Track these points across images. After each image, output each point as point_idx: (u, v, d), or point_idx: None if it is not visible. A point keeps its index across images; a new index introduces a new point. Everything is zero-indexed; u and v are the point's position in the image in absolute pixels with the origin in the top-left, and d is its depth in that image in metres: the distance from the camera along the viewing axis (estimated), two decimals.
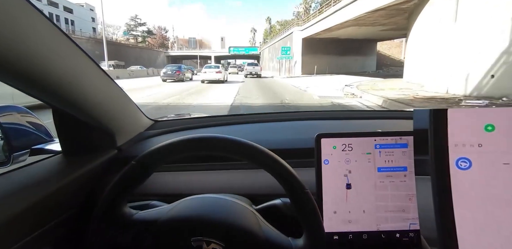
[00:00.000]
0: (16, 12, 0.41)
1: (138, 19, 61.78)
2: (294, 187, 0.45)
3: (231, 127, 0.95)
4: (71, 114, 0.63)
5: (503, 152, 0.43)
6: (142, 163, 0.46)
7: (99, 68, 0.64)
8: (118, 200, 0.47)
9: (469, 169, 0.44)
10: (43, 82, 0.51)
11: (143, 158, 0.46)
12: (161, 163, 0.47)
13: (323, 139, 0.54)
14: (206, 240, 0.45)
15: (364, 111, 1.50)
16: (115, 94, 0.73)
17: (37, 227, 0.54)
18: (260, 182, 0.69)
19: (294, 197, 0.45)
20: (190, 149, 0.46)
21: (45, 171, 0.63)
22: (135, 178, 0.47)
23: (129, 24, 61.02)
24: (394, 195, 0.53)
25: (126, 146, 0.79)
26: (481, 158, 0.44)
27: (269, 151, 0.46)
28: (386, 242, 0.53)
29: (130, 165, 0.46)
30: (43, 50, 0.48)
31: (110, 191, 0.46)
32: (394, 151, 0.53)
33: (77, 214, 0.65)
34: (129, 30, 60.48)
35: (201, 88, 13.69)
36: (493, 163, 0.43)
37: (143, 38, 61.42)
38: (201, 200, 0.54)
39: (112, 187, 0.46)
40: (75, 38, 0.64)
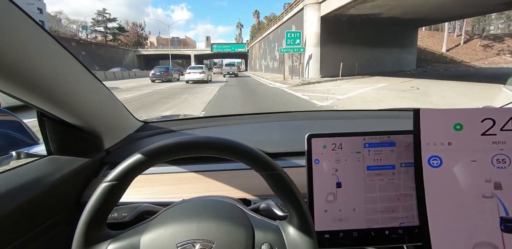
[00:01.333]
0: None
1: (107, 14, 55.99)
2: (266, 168, 0.46)
3: (221, 128, 0.96)
4: (57, 116, 0.62)
5: (471, 149, 0.46)
6: (115, 181, 0.44)
7: (86, 69, 0.63)
8: (96, 223, 0.44)
9: (440, 167, 0.47)
10: (27, 83, 0.50)
11: (115, 176, 0.44)
12: (137, 175, 0.45)
13: (313, 139, 0.55)
14: (192, 242, 0.44)
15: (354, 111, 1.55)
16: (103, 96, 0.72)
17: (24, 232, 0.53)
18: (251, 184, 0.70)
19: (270, 180, 0.46)
20: (160, 157, 0.45)
21: (29, 175, 0.60)
22: (110, 199, 0.44)
23: (96, 19, 55.37)
24: (383, 196, 0.55)
25: (114, 148, 0.78)
26: (451, 156, 0.46)
27: (234, 141, 0.46)
28: (376, 239, 0.55)
29: (102, 186, 0.44)
30: (27, 50, 0.46)
31: (86, 215, 0.43)
32: (382, 150, 0.55)
33: (65, 218, 0.63)
34: (94, 25, 54.64)
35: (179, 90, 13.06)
36: (462, 161, 0.46)
37: (113, 36, 56.19)
38: (181, 207, 0.52)
39: (87, 212, 0.43)
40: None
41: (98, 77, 0.68)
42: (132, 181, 0.45)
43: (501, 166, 0.45)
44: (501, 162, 0.45)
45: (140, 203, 0.62)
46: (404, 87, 11.57)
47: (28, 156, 0.67)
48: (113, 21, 57.17)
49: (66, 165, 0.66)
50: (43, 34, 0.50)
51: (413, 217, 0.56)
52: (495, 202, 0.45)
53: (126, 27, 62.14)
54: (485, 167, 0.46)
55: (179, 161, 0.68)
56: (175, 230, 0.45)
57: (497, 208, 0.45)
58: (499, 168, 0.45)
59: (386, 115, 1.09)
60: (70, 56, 0.58)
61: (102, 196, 0.44)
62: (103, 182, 0.44)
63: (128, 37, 61.96)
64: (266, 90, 12.44)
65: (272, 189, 0.47)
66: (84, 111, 0.65)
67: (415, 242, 0.56)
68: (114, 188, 0.44)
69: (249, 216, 0.50)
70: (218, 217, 0.48)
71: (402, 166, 0.56)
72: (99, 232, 0.44)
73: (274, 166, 0.46)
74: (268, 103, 8.40)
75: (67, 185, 0.63)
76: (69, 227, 0.64)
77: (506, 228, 0.44)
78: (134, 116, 0.92)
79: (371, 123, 1.02)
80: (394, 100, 8.32)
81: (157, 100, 8.89)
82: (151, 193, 0.68)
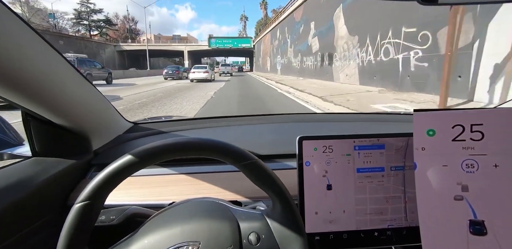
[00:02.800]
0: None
1: (91, 4, 48.13)
2: (239, 159, 0.46)
3: (212, 129, 0.96)
4: (43, 116, 0.60)
5: (442, 154, 0.48)
6: (88, 201, 0.42)
7: (73, 68, 0.61)
8: (76, 246, 0.42)
9: (415, 171, 0.48)
10: (11, 82, 0.48)
11: (87, 196, 0.41)
12: (112, 189, 0.44)
13: (304, 141, 0.55)
14: (177, 246, 0.43)
15: (345, 114, 1.57)
16: (90, 96, 0.70)
17: (10, 235, 0.52)
18: (242, 186, 0.70)
19: (247, 170, 0.46)
20: (132, 167, 0.43)
21: (14, 176, 0.59)
22: (86, 220, 0.42)
23: (78, 10, 47.67)
24: (372, 198, 0.56)
25: (103, 149, 0.77)
26: (424, 160, 0.48)
27: (203, 138, 0.46)
28: (365, 240, 0.56)
29: (74, 209, 0.41)
30: (13, 49, 0.45)
31: (62, 242, 0.41)
32: (372, 152, 0.57)
33: (51, 221, 0.62)
34: (78, 19, 47.61)
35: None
36: (434, 165, 0.48)
37: (98, 30, 49.62)
38: (162, 215, 0.51)
39: (63, 238, 0.41)
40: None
41: (86, 77, 0.66)
42: (119, 185, 0.44)
43: (470, 170, 0.47)
44: (470, 167, 0.47)
45: (129, 205, 0.61)
46: None
47: (12, 157, 0.65)
48: (98, 12, 49.66)
49: (52, 167, 0.64)
50: (30, 33, 0.48)
51: (401, 219, 0.57)
52: (464, 205, 0.47)
53: (115, 21, 55.89)
54: (456, 172, 0.47)
55: (170, 162, 0.68)
56: (159, 239, 0.44)
57: (466, 211, 0.47)
58: (468, 172, 0.47)
59: (376, 119, 1.11)
60: (57, 55, 0.56)
61: (76, 219, 0.41)
62: (76, 203, 0.41)
63: (117, 32, 56.03)
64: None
65: (251, 179, 0.47)
66: (71, 111, 0.64)
67: (403, 243, 0.57)
68: (88, 207, 0.41)
69: (232, 209, 0.50)
70: (200, 217, 0.48)
71: (392, 170, 0.57)
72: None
73: (247, 155, 0.46)
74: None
75: (53, 186, 0.62)
76: (56, 229, 0.63)
77: (474, 231, 0.46)
78: (123, 117, 0.90)
79: (361, 126, 1.04)
80: None
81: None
82: (140, 195, 0.67)
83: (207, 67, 21.72)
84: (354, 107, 6.57)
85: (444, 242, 0.47)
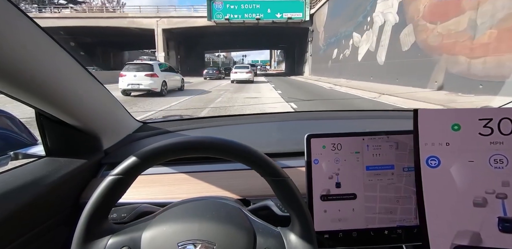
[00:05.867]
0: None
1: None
2: (272, 174, 0.46)
3: (221, 128, 0.96)
4: (55, 117, 0.61)
5: (469, 150, 0.46)
6: (121, 175, 0.44)
7: (84, 68, 0.63)
8: (99, 216, 0.44)
9: (438, 167, 0.46)
10: (25, 84, 0.49)
11: (121, 170, 0.44)
12: (140, 172, 0.46)
13: (313, 139, 0.55)
14: (193, 242, 0.44)
15: (353, 112, 1.56)
16: (101, 96, 0.71)
17: (22, 234, 0.53)
18: (250, 185, 0.70)
19: (275, 186, 0.46)
20: (167, 154, 0.45)
21: (27, 176, 0.60)
22: (115, 192, 0.45)
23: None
24: (382, 197, 0.55)
25: (113, 148, 0.78)
26: (449, 156, 0.46)
27: (242, 144, 0.47)
28: (375, 239, 0.55)
29: (108, 179, 0.44)
30: (25, 50, 0.46)
31: (89, 208, 0.44)
32: (381, 150, 0.56)
33: (64, 219, 0.63)
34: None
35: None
36: (460, 161, 0.46)
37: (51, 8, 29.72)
38: (183, 206, 0.52)
39: (91, 204, 0.44)
40: None
41: (96, 77, 0.67)
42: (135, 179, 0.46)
43: (498, 166, 0.45)
44: (498, 162, 0.45)
45: (139, 203, 0.62)
46: None
47: (26, 157, 0.67)
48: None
49: (65, 166, 0.65)
50: (41, 34, 0.50)
51: (410, 220, 0.56)
52: (493, 202, 0.45)
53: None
54: (483, 167, 0.46)
55: (178, 161, 0.68)
56: (177, 229, 0.45)
57: (495, 208, 0.45)
58: (497, 168, 0.45)
59: (385, 116, 1.09)
60: (68, 56, 0.57)
61: (106, 190, 0.44)
62: (109, 175, 0.44)
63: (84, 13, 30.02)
64: None
65: (276, 194, 0.47)
66: (82, 111, 0.65)
67: (414, 241, 0.56)
68: (119, 182, 0.44)
69: (251, 220, 0.50)
70: (220, 219, 0.48)
71: (405, 170, 0.56)
72: (100, 226, 0.45)
73: (281, 172, 0.47)
74: None
75: (65, 186, 0.63)
76: (68, 228, 0.64)
77: (504, 228, 0.44)
78: (132, 116, 0.92)
79: (370, 124, 1.02)
80: None
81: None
82: (150, 193, 0.68)
83: (249, 67, 20.42)
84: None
85: (465, 240, 0.45)
